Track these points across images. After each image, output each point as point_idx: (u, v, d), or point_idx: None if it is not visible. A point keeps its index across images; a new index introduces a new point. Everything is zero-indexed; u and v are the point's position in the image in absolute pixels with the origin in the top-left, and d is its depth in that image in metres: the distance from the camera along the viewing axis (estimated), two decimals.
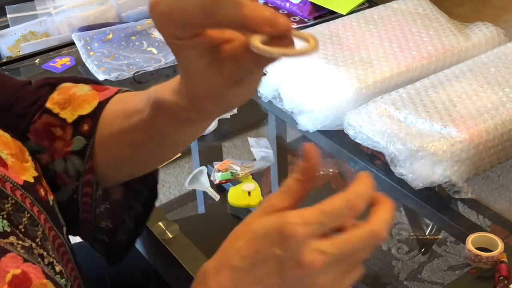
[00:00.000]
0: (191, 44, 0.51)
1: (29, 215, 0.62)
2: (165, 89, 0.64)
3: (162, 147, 0.71)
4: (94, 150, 0.72)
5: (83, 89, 0.75)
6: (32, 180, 0.66)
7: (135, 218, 0.80)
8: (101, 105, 0.74)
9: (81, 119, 0.73)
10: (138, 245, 0.96)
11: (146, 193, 0.80)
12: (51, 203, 0.68)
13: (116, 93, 0.75)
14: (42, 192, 0.66)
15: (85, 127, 0.72)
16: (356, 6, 1.41)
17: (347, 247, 0.51)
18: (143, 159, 0.73)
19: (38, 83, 0.79)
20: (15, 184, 0.63)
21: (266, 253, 0.53)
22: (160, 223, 0.92)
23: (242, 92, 0.58)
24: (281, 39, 0.50)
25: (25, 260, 0.57)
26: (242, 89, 0.57)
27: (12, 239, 0.59)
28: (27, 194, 0.64)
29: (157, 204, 1.05)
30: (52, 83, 0.78)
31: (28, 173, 0.67)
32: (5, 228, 0.59)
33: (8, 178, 0.63)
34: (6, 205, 0.61)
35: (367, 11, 1.28)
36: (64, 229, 0.70)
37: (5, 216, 0.60)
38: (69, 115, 0.73)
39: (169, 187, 1.19)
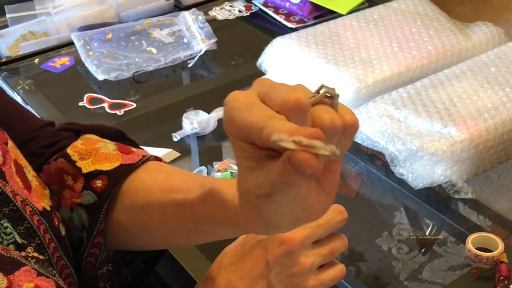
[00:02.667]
0: (241, 146, 0.50)
1: (39, 241, 0.62)
2: (226, 184, 0.61)
3: (191, 232, 0.67)
4: (120, 212, 0.70)
5: (108, 147, 0.73)
6: (49, 208, 0.66)
7: (132, 272, 0.79)
8: (123, 167, 0.71)
9: (96, 174, 0.71)
10: None
11: (127, 276, 0.78)
12: (63, 233, 0.67)
13: (141, 160, 0.73)
14: (56, 221, 0.66)
15: (99, 183, 0.70)
16: (356, 6, 1.41)
17: (321, 220, 0.60)
18: (165, 236, 0.70)
19: (60, 126, 0.78)
20: (35, 209, 0.63)
21: (252, 243, 0.61)
22: None
23: (279, 211, 0.52)
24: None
25: (39, 274, 0.57)
26: (277, 207, 0.52)
27: (29, 250, 0.60)
28: (43, 220, 0.64)
29: None
30: (75, 129, 0.77)
31: (46, 199, 0.67)
32: (23, 240, 0.59)
33: (29, 202, 0.63)
34: (21, 227, 0.61)
35: (367, 10, 1.28)
36: (73, 261, 0.69)
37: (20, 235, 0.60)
38: (85, 166, 0.71)
39: None
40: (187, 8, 1.48)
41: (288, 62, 1.17)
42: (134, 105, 1.22)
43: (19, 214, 0.61)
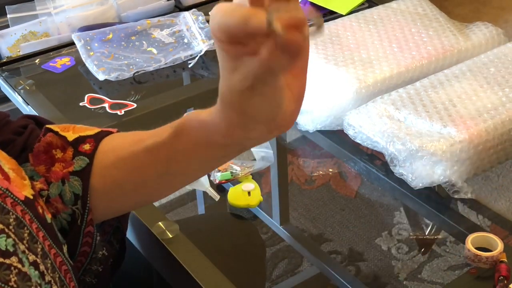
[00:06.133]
0: (226, 48, 0.56)
1: (28, 231, 0.62)
2: (200, 112, 0.67)
3: (163, 177, 0.71)
4: (94, 176, 0.72)
5: (81, 125, 0.77)
6: (31, 197, 0.66)
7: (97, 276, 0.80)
8: (103, 132, 0.75)
9: (82, 139, 0.73)
10: (138, 245, 0.96)
11: (116, 245, 0.80)
12: (49, 220, 0.67)
13: (117, 131, 0.77)
14: (40, 209, 0.66)
15: (87, 146, 0.73)
16: (356, 6, 1.41)
17: None
18: (150, 187, 0.73)
19: (21, 116, 0.80)
20: (16, 199, 0.63)
21: None
22: (160, 223, 0.92)
23: (259, 104, 0.59)
24: None
25: None
26: (257, 101, 0.59)
27: (13, 259, 0.59)
28: (27, 210, 0.64)
29: (157, 204, 1.05)
30: (33, 117, 0.79)
31: (27, 189, 0.67)
32: (8, 247, 0.59)
33: (9, 193, 0.63)
34: (11, 220, 0.61)
35: (367, 11, 1.29)
36: (65, 248, 0.69)
37: (12, 231, 0.60)
38: (69, 136, 0.74)
39: None
40: (188, 8, 1.48)
41: None
42: (135, 105, 1.23)
43: (1, 208, 0.61)
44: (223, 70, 0.59)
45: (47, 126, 0.75)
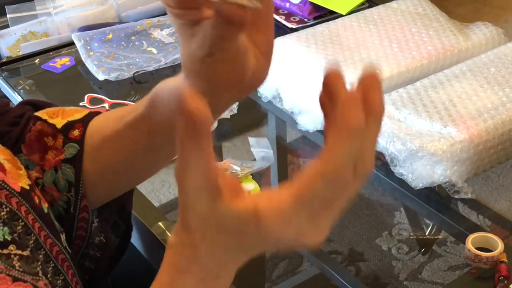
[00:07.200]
0: (178, 13, 0.55)
1: (23, 223, 0.62)
2: (170, 81, 0.66)
3: (149, 152, 0.70)
4: (85, 160, 0.72)
5: (71, 107, 0.77)
6: (27, 188, 0.66)
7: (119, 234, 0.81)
8: (91, 114, 0.75)
9: (71, 124, 0.73)
10: (138, 245, 0.96)
11: (122, 225, 0.80)
12: (45, 210, 0.67)
13: (107, 110, 0.77)
14: (36, 200, 0.66)
15: (76, 132, 0.73)
16: (356, 6, 1.41)
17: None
18: (139, 163, 0.72)
19: (19, 103, 0.80)
20: (12, 191, 0.63)
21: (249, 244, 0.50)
22: (160, 223, 0.92)
23: (222, 71, 0.58)
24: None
25: (15, 280, 0.56)
26: (220, 67, 0.57)
27: (12, 248, 0.58)
28: (23, 201, 0.63)
29: (157, 204, 1.05)
30: (32, 103, 0.79)
31: (23, 179, 0.66)
32: (6, 237, 0.59)
33: (5, 185, 0.62)
34: (2, 213, 0.60)
35: (367, 11, 1.29)
36: (63, 236, 0.69)
37: (4, 222, 0.60)
38: (58, 122, 0.73)
39: (169, 187, 1.19)
40: None
41: (288, 62, 1.17)
42: None
43: None
44: (181, 37, 0.57)
45: (36, 114, 0.74)
